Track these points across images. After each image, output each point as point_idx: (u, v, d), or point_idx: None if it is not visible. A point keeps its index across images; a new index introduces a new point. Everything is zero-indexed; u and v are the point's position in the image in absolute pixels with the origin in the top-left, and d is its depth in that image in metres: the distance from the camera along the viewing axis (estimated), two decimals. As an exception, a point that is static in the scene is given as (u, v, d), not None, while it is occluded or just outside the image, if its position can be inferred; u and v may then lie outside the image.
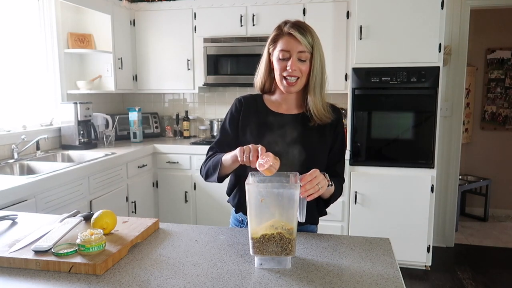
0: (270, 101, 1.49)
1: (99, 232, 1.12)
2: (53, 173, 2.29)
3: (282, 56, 1.35)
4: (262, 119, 1.44)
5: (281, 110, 1.46)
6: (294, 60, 1.34)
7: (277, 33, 1.38)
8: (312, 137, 1.42)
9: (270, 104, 1.48)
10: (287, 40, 1.34)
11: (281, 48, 1.35)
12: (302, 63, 1.36)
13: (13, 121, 2.88)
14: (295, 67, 1.34)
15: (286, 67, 1.35)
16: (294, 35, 1.33)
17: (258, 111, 1.47)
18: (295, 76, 1.36)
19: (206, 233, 1.33)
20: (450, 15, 3.31)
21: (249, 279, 1.01)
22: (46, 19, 3.18)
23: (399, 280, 1.00)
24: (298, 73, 1.36)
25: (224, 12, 3.49)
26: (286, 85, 1.37)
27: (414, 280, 3.03)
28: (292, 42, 1.34)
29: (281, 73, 1.37)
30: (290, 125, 1.42)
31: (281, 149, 1.37)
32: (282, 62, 1.36)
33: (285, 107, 1.47)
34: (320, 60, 1.39)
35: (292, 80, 1.36)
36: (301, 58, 1.35)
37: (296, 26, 1.35)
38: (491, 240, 3.83)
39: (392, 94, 3.04)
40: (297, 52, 1.34)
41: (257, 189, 1.05)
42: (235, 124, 1.48)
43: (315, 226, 1.57)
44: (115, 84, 3.51)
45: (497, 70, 4.52)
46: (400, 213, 3.07)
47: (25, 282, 1.00)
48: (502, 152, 4.57)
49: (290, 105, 1.47)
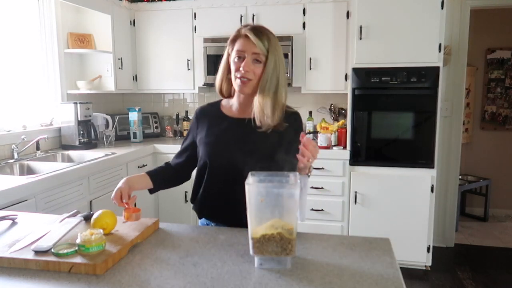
0: (227, 106, 1.51)
1: (99, 232, 1.12)
2: (53, 173, 2.29)
3: (238, 56, 1.38)
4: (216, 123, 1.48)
5: (238, 115, 1.47)
6: (247, 61, 1.36)
7: (236, 35, 1.41)
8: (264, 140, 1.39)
9: (227, 109, 1.50)
10: (243, 42, 1.37)
11: (237, 49, 1.38)
12: (257, 65, 1.37)
13: (13, 121, 2.88)
14: (247, 68, 1.35)
15: (240, 67, 1.37)
16: (250, 37, 1.36)
17: (212, 118, 1.50)
18: (247, 77, 1.36)
19: (206, 233, 1.33)
20: (450, 15, 3.31)
21: (249, 279, 1.01)
22: (46, 19, 3.18)
23: (399, 280, 1.00)
24: (251, 75, 1.36)
25: (224, 12, 3.49)
26: (240, 84, 1.38)
27: (414, 280, 3.03)
28: (248, 44, 1.36)
29: (235, 73, 1.38)
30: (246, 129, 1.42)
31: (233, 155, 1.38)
32: (237, 62, 1.38)
33: (242, 111, 1.46)
34: (275, 63, 1.38)
35: (244, 80, 1.37)
36: (256, 59, 1.36)
37: (253, 29, 1.38)
38: (491, 240, 3.83)
39: (392, 94, 3.04)
40: (252, 54, 1.36)
41: (257, 189, 1.05)
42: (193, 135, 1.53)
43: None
44: (115, 84, 3.51)
45: (497, 70, 4.52)
46: (400, 213, 3.07)
47: (25, 282, 1.00)
48: (502, 152, 4.57)
49: (247, 109, 1.44)
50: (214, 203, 1.48)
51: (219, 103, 1.54)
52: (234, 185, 1.26)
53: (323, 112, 3.73)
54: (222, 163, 1.42)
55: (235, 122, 1.46)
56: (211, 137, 1.46)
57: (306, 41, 3.37)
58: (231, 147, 1.42)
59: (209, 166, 1.44)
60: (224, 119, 1.48)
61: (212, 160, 1.44)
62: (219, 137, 1.45)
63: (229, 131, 1.45)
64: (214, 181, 1.45)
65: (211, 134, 1.46)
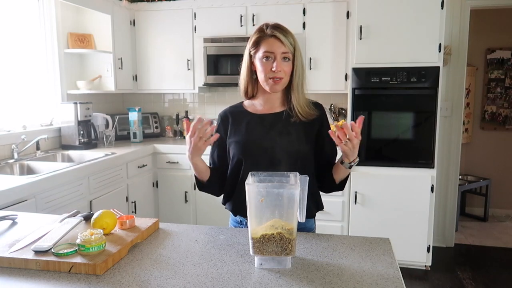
0: (252, 107, 1.52)
1: (99, 232, 1.12)
2: (53, 173, 2.29)
3: (266, 57, 1.38)
4: (245, 121, 1.48)
5: (264, 111, 1.49)
6: (279, 61, 1.37)
7: (260, 36, 1.41)
8: (298, 132, 1.44)
9: (252, 109, 1.52)
10: (271, 42, 1.38)
11: (265, 50, 1.38)
12: (286, 63, 1.39)
13: (13, 121, 2.88)
14: (280, 68, 1.37)
15: (270, 68, 1.38)
16: (278, 36, 1.37)
17: (240, 116, 1.50)
18: (280, 77, 1.39)
19: (206, 233, 1.33)
20: (450, 15, 3.31)
21: (249, 279, 1.01)
22: (46, 19, 3.18)
23: (399, 280, 1.00)
24: (283, 74, 1.39)
25: (224, 12, 3.49)
26: (272, 84, 1.40)
27: (414, 280, 3.03)
28: (276, 44, 1.37)
29: (266, 74, 1.39)
30: (275, 122, 1.46)
31: (268, 146, 1.42)
32: (266, 63, 1.38)
33: (268, 107, 1.49)
34: (300, 59, 1.43)
35: (277, 80, 1.39)
36: (285, 57, 1.39)
37: (278, 28, 1.39)
38: (491, 240, 3.83)
39: (392, 94, 3.04)
40: (281, 53, 1.37)
41: (257, 189, 1.05)
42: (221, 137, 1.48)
43: (313, 222, 1.56)
44: (115, 84, 3.51)
45: (497, 70, 4.52)
46: (400, 213, 3.07)
47: (25, 282, 1.00)
48: (502, 152, 4.57)
49: (273, 105, 1.49)
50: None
51: (241, 105, 1.55)
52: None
53: (323, 112, 3.72)
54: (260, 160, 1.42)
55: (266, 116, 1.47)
56: (244, 133, 1.46)
57: (306, 41, 3.37)
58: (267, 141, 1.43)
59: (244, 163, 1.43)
60: (254, 116, 1.48)
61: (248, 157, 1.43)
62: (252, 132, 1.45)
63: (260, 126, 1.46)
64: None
65: (244, 131, 1.46)
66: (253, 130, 1.46)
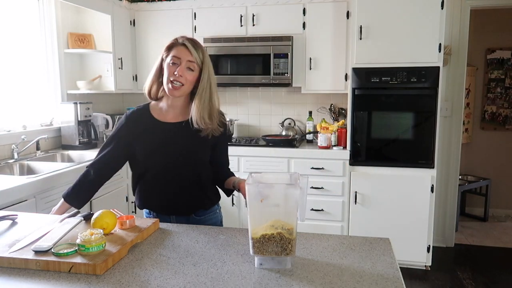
0: (157, 110, 1.61)
1: (99, 232, 1.12)
2: (53, 173, 2.29)
3: (173, 62, 1.50)
4: (148, 130, 1.58)
5: (167, 118, 1.59)
6: (182, 67, 1.49)
7: (173, 42, 1.53)
8: (195, 143, 1.56)
9: (157, 113, 1.60)
10: (180, 49, 1.51)
11: (173, 55, 1.51)
12: (190, 72, 1.50)
13: (13, 121, 2.88)
14: (181, 73, 1.48)
15: (174, 72, 1.49)
16: (187, 45, 1.50)
17: (144, 123, 1.59)
18: (180, 82, 1.49)
19: (206, 233, 1.33)
20: (450, 15, 3.31)
21: (249, 279, 1.01)
22: (46, 19, 3.18)
23: (399, 280, 1.00)
24: (184, 80, 1.49)
25: (224, 12, 3.49)
26: (171, 88, 1.50)
27: (414, 280, 3.03)
28: (184, 51, 1.50)
29: (169, 76, 1.50)
30: (176, 131, 1.56)
31: (168, 153, 1.54)
32: (171, 67, 1.50)
33: (171, 115, 1.59)
34: (208, 75, 1.53)
35: (177, 85, 1.49)
36: (189, 67, 1.50)
37: (191, 40, 1.53)
38: (491, 240, 3.83)
39: (392, 94, 3.04)
40: (187, 61, 1.49)
41: (257, 189, 1.05)
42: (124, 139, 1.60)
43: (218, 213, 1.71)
44: (115, 84, 3.51)
45: (497, 70, 4.51)
46: (400, 213, 3.07)
47: (25, 282, 1.00)
48: (502, 152, 4.57)
49: (176, 112, 1.59)
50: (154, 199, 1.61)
51: (148, 107, 1.64)
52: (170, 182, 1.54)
53: (323, 112, 3.73)
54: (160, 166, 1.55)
55: (169, 126, 1.57)
56: (149, 143, 1.56)
57: (306, 41, 3.37)
58: (168, 151, 1.54)
59: (147, 169, 1.57)
60: (158, 124, 1.58)
61: (151, 164, 1.56)
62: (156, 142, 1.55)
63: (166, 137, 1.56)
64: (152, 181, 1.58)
65: (149, 140, 1.56)
66: (155, 137, 1.56)
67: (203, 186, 1.60)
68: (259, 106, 3.89)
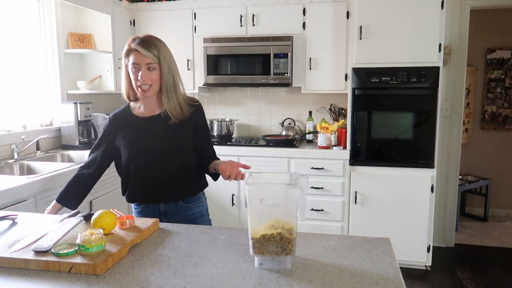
0: (136, 108, 1.71)
1: (99, 232, 1.12)
2: (53, 173, 2.29)
3: (134, 68, 1.57)
4: (131, 126, 1.67)
5: (145, 114, 1.68)
6: (143, 71, 1.56)
7: (128, 49, 1.59)
8: (175, 131, 1.64)
9: (136, 111, 1.70)
10: (135, 55, 1.56)
11: (132, 62, 1.57)
12: (152, 72, 1.57)
13: (13, 121, 2.88)
14: (145, 77, 1.56)
15: (138, 77, 1.57)
16: (139, 51, 1.55)
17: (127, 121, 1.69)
18: (147, 84, 1.57)
19: (206, 233, 1.33)
20: (450, 15, 3.31)
21: (249, 279, 1.01)
22: (46, 19, 3.18)
23: (399, 280, 1.00)
24: (149, 82, 1.58)
25: (224, 12, 3.49)
26: (141, 92, 1.60)
27: (414, 280, 3.03)
28: (139, 56, 1.56)
29: (135, 82, 1.59)
30: (154, 124, 1.65)
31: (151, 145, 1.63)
32: (135, 73, 1.58)
33: (149, 110, 1.68)
34: (168, 67, 1.61)
35: (145, 88, 1.58)
36: (149, 68, 1.56)
37: (141, 42, 1.57)
38: (491, 240, 3.83)
39: (392, 94, 3.04)
40: (145, 64, 1.56)
41: (257, 189, 1.05)
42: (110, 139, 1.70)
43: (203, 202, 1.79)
44: (115, 84, 3.51)
45: (497, 70, 4.51)
46: (400, 213, 3.07)
47: (25, 282, 1.00)
48: (502, 152, 4.56)
49: (152, 107, 1.68)
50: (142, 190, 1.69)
51: (128, 106, 1.73)
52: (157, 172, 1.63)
53: (323, 112, 3.73)
54: (145, 158, 1.64)
55: (147, 120, 1.66)
56: (131, 138, 1.65)
57: (306, 41, 3.37)
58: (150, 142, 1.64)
59: (133, 162, 1.65)
60: (138, 120, 1.67)
61: (135, 158, 1.64)
62: (138, 136, 1.65)
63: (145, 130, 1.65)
64: (139, 173, 1.66)
65: (131, 136, 1.65)
66: (137, 133, 1.65)
67: (189, 172, 1.68)
68: (259, 106, 3.89)
